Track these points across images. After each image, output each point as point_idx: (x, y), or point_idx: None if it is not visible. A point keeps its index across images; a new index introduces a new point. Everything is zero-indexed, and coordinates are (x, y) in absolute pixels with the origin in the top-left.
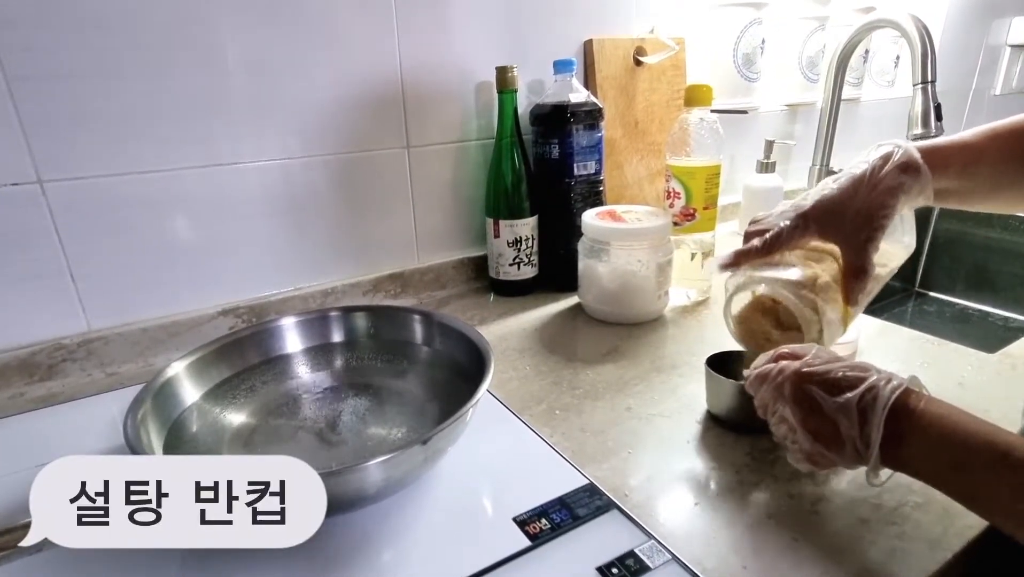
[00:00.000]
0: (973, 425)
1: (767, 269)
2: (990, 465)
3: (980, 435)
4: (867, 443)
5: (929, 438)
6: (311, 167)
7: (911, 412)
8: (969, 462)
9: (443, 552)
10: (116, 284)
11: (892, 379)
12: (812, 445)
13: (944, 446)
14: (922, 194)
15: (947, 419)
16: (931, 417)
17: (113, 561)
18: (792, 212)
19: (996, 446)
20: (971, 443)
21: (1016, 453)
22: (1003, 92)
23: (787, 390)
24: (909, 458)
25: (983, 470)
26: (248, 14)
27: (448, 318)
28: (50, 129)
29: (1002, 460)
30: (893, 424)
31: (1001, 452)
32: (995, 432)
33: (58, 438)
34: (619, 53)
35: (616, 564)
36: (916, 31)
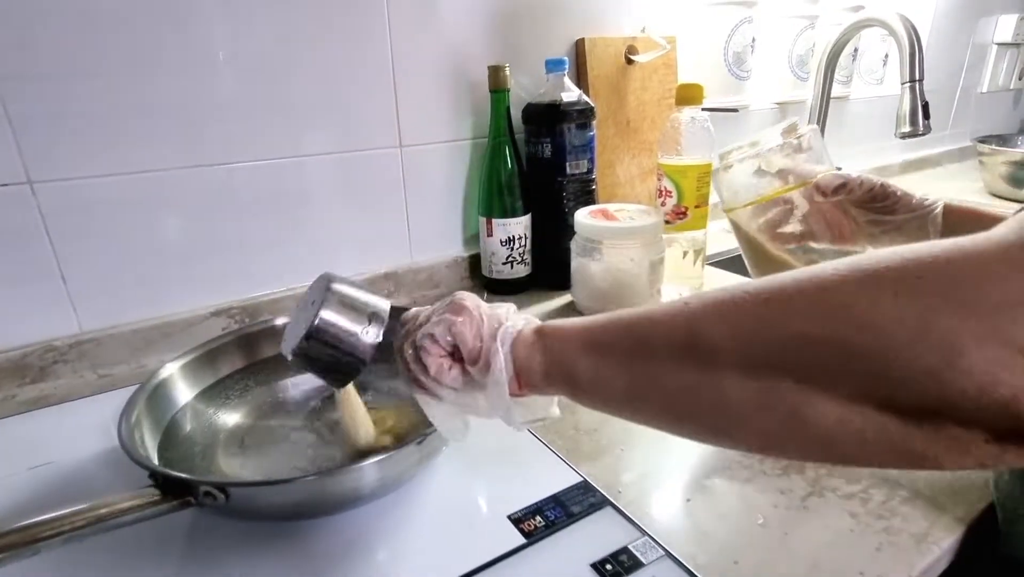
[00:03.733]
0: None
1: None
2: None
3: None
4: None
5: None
6: (303, 167)
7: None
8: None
9: (438, 551)
10: (108, 285)
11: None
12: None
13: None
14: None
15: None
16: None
17: (110, 562)
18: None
19: (629, 321)
20: (609, 328)
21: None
22: (990, 90)
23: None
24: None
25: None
26: (240, 13)
27: None
28: (40, 129)
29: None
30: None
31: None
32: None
33: (50, 440)
34: (611, 52)
35: (610, 560)
36: (904, 30)
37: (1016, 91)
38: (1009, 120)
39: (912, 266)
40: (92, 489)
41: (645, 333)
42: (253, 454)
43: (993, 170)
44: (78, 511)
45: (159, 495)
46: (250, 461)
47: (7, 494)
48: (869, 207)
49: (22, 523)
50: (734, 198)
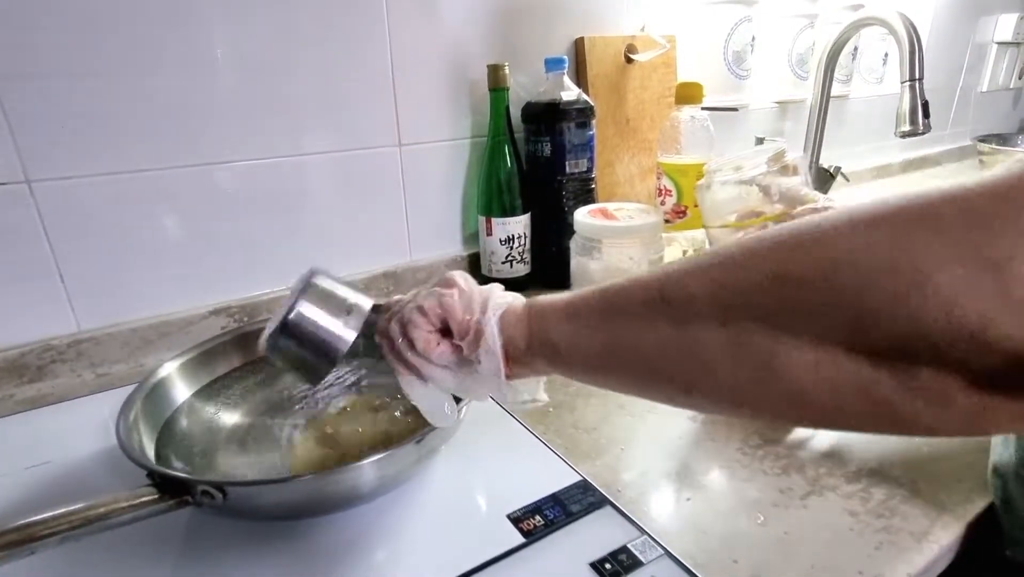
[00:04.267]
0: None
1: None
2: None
3: (597, 292)
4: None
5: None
6: (302, 165)
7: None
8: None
9: (438, 550)
10: (106, 284)
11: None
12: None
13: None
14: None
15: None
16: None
17: (107, 561)
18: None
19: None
20: (591, 302)
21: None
22: (990, 89)
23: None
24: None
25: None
26: (238, 12)
27: None
28: (38, 128)
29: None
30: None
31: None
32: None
33: (48, 440)
34: (610, 51)
35: (609, 559)
36: (904, 29)
37: (1016, 90)
38: (1009, 119)
39: (886, 204)
40: (90, 488)
41: (620, 294)
42: (252, 453)
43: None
44: (75, 510)
45: (157, 494)
46: (249, 460)
47: (4, 493)
48: None
49: (18, 522)
50: (715, 216)
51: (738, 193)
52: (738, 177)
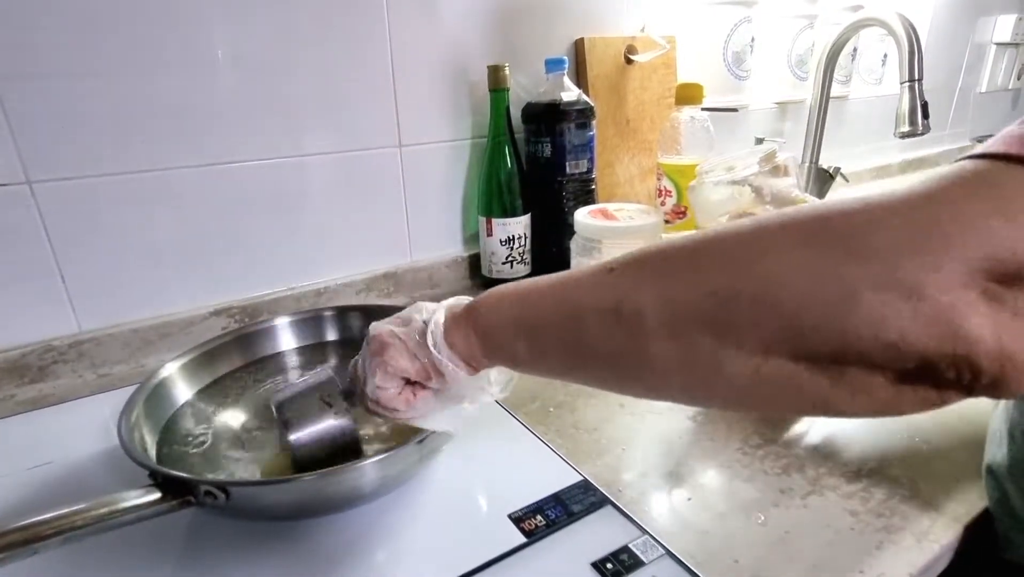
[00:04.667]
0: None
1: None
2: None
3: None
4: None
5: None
6: (302, 166)
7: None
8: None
9: (439, 550)
10: (107, 285)
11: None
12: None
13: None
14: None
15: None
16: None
17: (107, 561)
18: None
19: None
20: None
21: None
22: (988, 89)
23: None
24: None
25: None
26: (239, 12)
27: None
28: (39, 129)
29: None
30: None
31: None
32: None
33: (50, 440)
34: (610, 52)
35: (611, 559)
36: (903, 30)
37: (1015, 91)
38: (1008, 120)
39: (815, 220)
40: (92, 489)
41: (574, 307)
42: (253, 453)
43: None
44: (78, 510)
45: (160, 494)
46: (250, 460)
47: (6, 494)
48: None
49: (21, 522)
50: (706, 217)
51: (730, 194)
52: (730, 177)
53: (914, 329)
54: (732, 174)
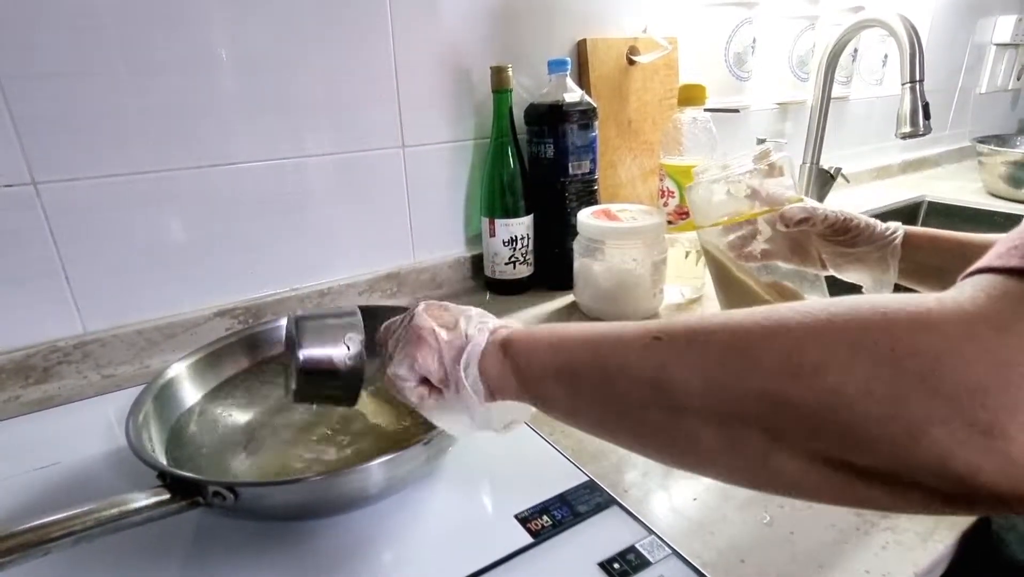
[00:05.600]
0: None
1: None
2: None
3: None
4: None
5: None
6: (306, 167)
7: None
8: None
9: (446, 550)
10: (111, 285)
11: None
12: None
13: (550, 352)
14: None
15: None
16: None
17: (115, 561)
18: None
19: (601, 336)
20: (574, 340)
21: (627, 330)
22: (988, 90)
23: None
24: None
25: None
26: (242, 13)
27: None
28: (44, 130)
29: (617, 341)
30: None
31: (613, 335)
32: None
33: (56, 441)
34: (612, 53)
35: (618, 559)
36: (905, 31)
37: (1015, 91)
38: (1007, 120)
39: (882, 331)
40: (100, 489)
41: (615, 368)
42: (260, 454)
43: (993, 170)
44: (89, 511)
45: (169, 495)
46: (257, 461)
47: (16, 494)
48: (831, 239)
49: (33, 523)
50: (704, 217)
51: (726, 193)
52: (725, 175)
53: (988, 468)
54: (727, 173)
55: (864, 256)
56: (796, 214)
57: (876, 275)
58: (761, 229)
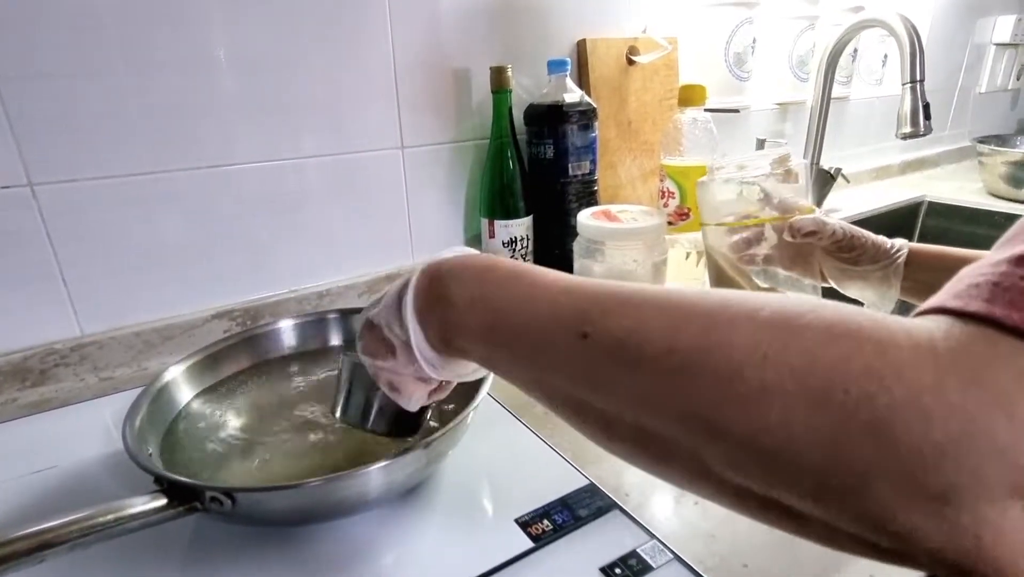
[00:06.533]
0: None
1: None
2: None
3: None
4: (403, 326)
5: (469, 292)
6: (304, 168)
7: (448, 272)
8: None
9: (446, 555)
10: (109, 287)
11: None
12: (374, 362)
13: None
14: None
15: (498, 267)
16: (474, 269)
17: (111, 566)
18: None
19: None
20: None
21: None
22: (988, 90)
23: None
24: (451, 317)
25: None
26: (240, 14)
27: None
28: (40, 131)
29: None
30: (440, 307)
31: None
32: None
33: (53, 444)
34: (612, 53)
35: (619, 564)
36: (905, 31)
37: (1014, 91)
38: (1007, 120)
39: (836, 368)
40: (96, 493)
41: (542, 364)
42: (258, 458)
43: (993, 170)
44: (84, 517)
45: (166, 500)
46: (255, 466)
47: (11, 498)
48: (835, 255)
49: (28, 530)
50: (712, 214)
51: (738, 193)
52: (740, 177)
53: (934, 536)
54: (742, 173)
55: (866, 274)
56: (805, 226)
57: (878, 292)
58: (767, 235)
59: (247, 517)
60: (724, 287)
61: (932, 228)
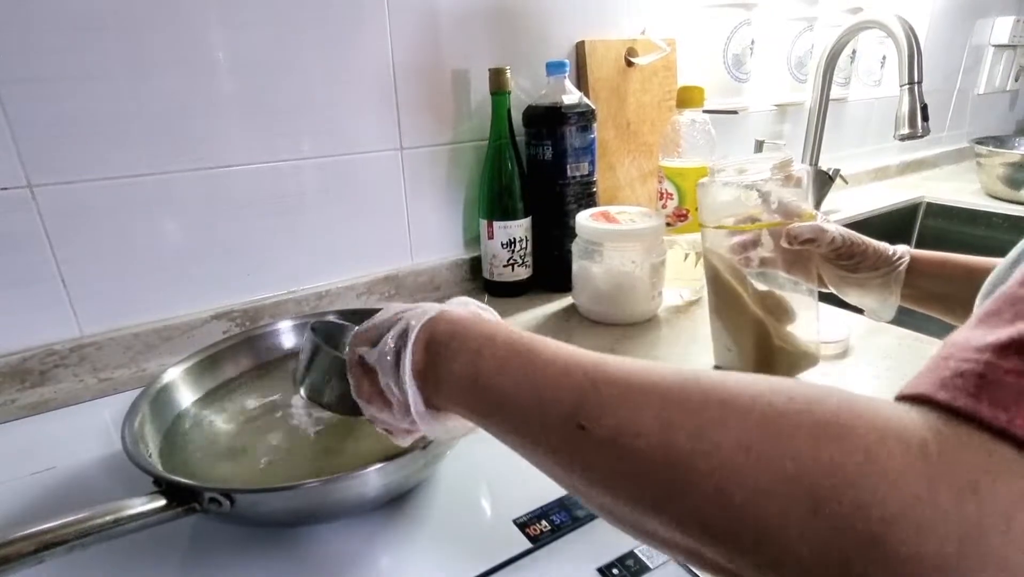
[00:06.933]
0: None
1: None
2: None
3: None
4: (401, 388)
5: (462, 353)
6: (303, 169)
7: (449, 335)
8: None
9: (444, 556)
10: (108, 289)
11: (430, 310)
12: (369, 410)
13: (479, 356)
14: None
15: (482, 325)
16: (466, 329)
17: (111, 568)
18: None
19: (530, 344)
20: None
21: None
22: (986, 91)
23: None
24: (448, 388)
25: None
26: (239, 16)
27: None
28: (40, 132)
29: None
30: (438, 377)
31: (527, 345)
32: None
33: (52, 445)
34: (611, 55)
35: (616, 564)
36: (903, 33)
37: (1012, 92)
38: (1005, 121)
39: (827, 473)
40: (95, 494)
41: (531, 443)
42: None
43: (991, 172)
44: (83, 518)
45: (165, 501)
46: (254, 467)
47: (10, 499)
48: (834, 263)
49: (28, 531)
50: (711, 216)
51: (738, 196)
52: (740, 180)
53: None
54: (743, 177)
55: (866, 281)
56: (802, 233)
57: (878, 299)
58: (763, 240)
59: (246, 518)
60: (720, 290)
61: (930, 229)
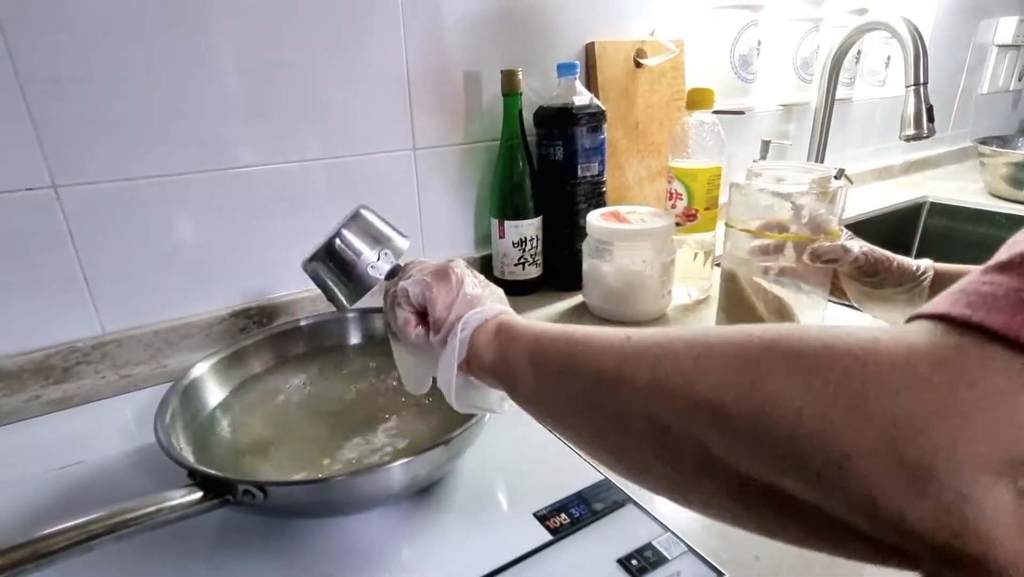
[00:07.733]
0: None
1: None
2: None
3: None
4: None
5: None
6: (319, 170)
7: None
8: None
9: (466, 547)
10: (129, 287)
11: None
12: (402, 331)
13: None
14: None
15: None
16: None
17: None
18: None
19: (594, 337)
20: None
21: (630, 337)
22: (990, 91)
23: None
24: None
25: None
26: (259, 19)
27: None
28: (64, 133)
29: (615, 344)
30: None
31: (609, 339)
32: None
33: (77, 440)
34: (620, 56)
35: (635, 556)
36: (909, 34)
37: (1016, 92)
38: (1009, 121)
39: (821, 354)
40: (125, 488)
41: (582, 361)
42: (284, 452)
43: (994, 171)
44: (127, 508)
45: (201, 494)
46: (281, 459)
47: (43, 492)
48: (858, 280)
49: (79, 520)
50: (739, 218)
51: (771, 203)
52: (777, 188)
53: (917, 513)
54: (779, 186)
55: (891, 296)
56: (826, 253)
57: (904, 314)
58: (786, 252)
59: (276, 509)
60: (732, 291)
61: (934, 228)
